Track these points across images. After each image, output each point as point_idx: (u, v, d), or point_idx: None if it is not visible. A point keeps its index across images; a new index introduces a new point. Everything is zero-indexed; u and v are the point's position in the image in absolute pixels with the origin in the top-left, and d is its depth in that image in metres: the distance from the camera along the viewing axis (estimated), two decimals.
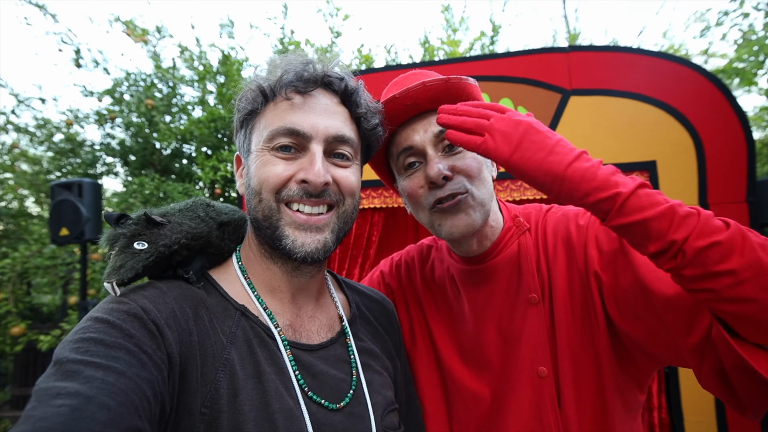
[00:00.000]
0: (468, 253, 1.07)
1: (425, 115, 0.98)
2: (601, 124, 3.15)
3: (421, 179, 0.99)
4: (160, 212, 0.80)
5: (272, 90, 0.79)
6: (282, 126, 0.77)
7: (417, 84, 0.93)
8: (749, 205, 2.89)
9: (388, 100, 0.95)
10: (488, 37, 7.64)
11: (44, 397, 0.50)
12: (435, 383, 1.09)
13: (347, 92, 0.84)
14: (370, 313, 1.01)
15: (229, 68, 6.23)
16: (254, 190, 0.78)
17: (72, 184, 3.98)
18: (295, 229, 0.77)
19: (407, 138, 0.99)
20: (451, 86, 0.95)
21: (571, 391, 0.92)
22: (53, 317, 6.87)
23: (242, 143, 0.85)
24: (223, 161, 5.78)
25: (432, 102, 0.96)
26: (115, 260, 0.71)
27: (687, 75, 3.04)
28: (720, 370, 0.74)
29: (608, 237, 0.92)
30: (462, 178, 0.96)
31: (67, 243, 3.95)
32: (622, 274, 0.87)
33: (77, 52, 6.40)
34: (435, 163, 0.94)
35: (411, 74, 1.08)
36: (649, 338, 0.84)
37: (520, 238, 1.05)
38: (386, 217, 3.70)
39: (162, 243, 0.74)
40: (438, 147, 0.98)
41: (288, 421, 0.69)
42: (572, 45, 3.73)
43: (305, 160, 0.78)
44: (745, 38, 6.78)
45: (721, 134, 2.96)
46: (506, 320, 1.01)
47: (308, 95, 0.80)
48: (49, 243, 5.57)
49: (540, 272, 1.00)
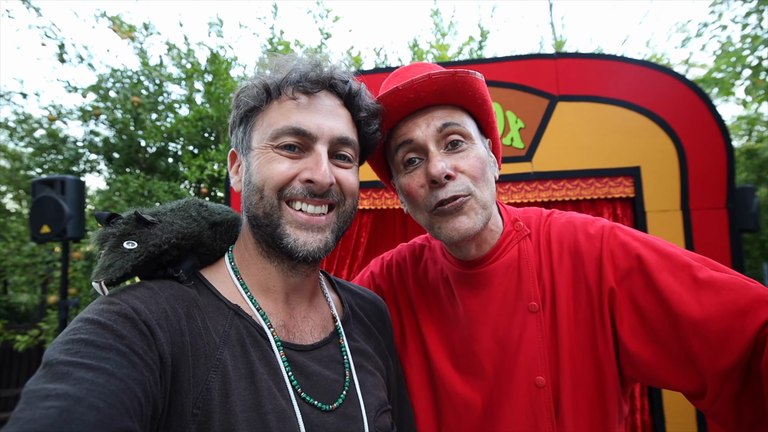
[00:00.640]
0: (466, 256, 1.03)
1: (428, 109, 0.93)
2: (588, 129, 3.22)
3: (421, 177, 0.94)
4: (151, 212, 0.79)
5: (278, 88, 0.79)
6: (288, 125, 0.76)
7: (422, 76, 0.88)
8: (728, 212, 2.98)
9: (390, 92, 0.90)
10: (477, 42, 7.73)
11: (33, 398, 0.49)
12: (425, 388, 1.06)
13: (351, 95, 0.84)
14: (363, 313, 1.00)
15: (218, 67, 6.16)
16: (255, 187, 0.77)
17: (54, 181, 3.88)
18: (296, 228, 0.77)
19: (408, 132, 0.94)
20: (457, 80, 0.90)
21: (570, 401, 0.89)
22: (30, 317, 6.69)
23: (241, 140, 0.84)
24: (210, 160, 5.72)
25: (436, 96, 0.92)
26: (104, 260, 0.70)
27: (670, 84, 3.12)
28: (738, 394, 0.73)
29: (625, 254, 0.88)
30: (465, 179, 0.92)
31: (48, 241, 3.84)
32: (642, 296, 0.84)
33: (61, 47, 6.26)
34: (437, 161, 0.90)
35: (414, 66, 1.03)
36: (660, 361, 0.81)
37: (520, 243, 1.01)
38: (375, 219, 3.71)
39: (152, 242, 0.73)
40: (440, 143, 0.93)
41: (280, 421, 0.68)
42: (560, 52, 3.81)
43: (310, 159, 0.78)
44: (724, 49, 7.01)
45: (702, 142, 3.06)
46: (503, 327, 0.97)
47: (313, 96, 0.79)
48: (28, 241, 5.43)
49: (541, 280, 0.96)
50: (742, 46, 6.56)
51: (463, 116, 0.96)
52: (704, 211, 3.01)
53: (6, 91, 6.37)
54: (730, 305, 0.74)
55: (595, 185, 3.17)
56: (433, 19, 7.83)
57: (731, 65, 6.80)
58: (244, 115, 0.82)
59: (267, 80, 0.79)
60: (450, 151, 0.93)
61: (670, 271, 0.82)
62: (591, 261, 0.92)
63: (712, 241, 2.97)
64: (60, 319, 3.81)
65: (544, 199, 3.23)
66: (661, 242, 0.89)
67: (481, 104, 0.97)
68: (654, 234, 3.24)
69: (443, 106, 0.94)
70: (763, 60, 6.30)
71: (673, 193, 3.06)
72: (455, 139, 0.93)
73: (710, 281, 0.78)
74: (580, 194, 3.18)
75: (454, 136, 0.93)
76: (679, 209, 3.04)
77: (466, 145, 0.94)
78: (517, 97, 3.30)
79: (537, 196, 3.25)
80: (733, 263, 2.92)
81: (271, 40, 7.00)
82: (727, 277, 0.77)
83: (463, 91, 0.92)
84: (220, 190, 6.22)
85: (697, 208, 3.02)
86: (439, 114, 0.93)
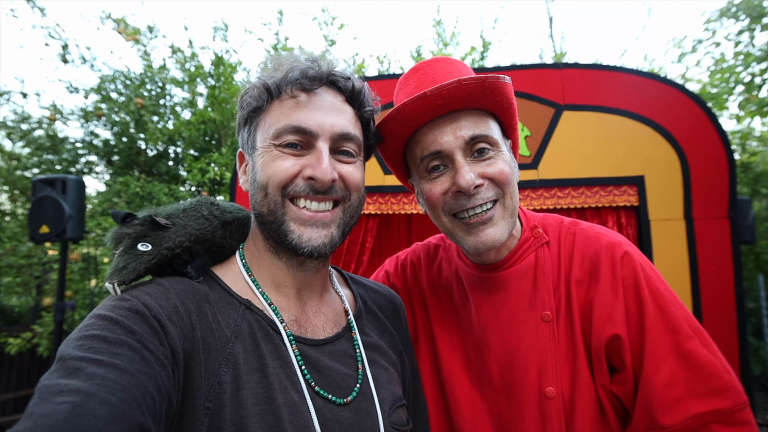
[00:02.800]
0: (483, 261, 1.02)
1: (454, 116, 0.92)
2: (593, 138, 3.27)
3: (445, 184, 0.93)
4: (165, 213, 0.80)
5: (278, 87, 0.79)
6: (288, 124, 0.77)
7: (452, 82, 0.86)
8: (730, 221, 3.03)
9: (417, 98, 0.87)
10: (479, 52, 7.84)
11: (46, 394, 0.50)
12: (434, 389, 1.06)
13: (354, 91, 0.85)
14: (377, 308, 1.00)
15: (223, 71, 6.18)
16: (260, 185, 0.78)
17: (55, 181, 3.84)
18: (300, 225, 0.77)
19: (434, 141, 0.92)
20: (487, 86, 0.89)
21: (585, 414, 0.88)
22: (23, 319, 6.56)
23: (246, 140, 0.85)
24: (212, 163, 5.71)
25: (465, 102, 0.90)
26: (118, 261, 0.71)
27: (673, 95, 3.19)
28: None
29: (635, 296, 0.90)
30: (493, 185, 0.92)
31: (47, 241, 3.79)
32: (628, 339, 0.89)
33: (64, 48, 6.26)
34: (466, 172, 0.89)
35: (435, 62, 1.01)
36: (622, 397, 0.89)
37: (538, 251, 1.00)
38: (380, 224, 3.71)
39: (165, 246, 0.74)
40: (467, 152, 0.92)
41: (293, 415, 0.68)
42: (565, 62, 3.87)
43: (312, 157, 0.78)
44: (717, 65, 7.19)
45: (704, 152, 3.12)
46: (515, 334, 0.96)
47: (313, 93, 0.80)
48: (24, 241, 5.35)
49: (558, 290, 0.95)
50: (735, 62, 6.73)
51: (489, 122, 0.95)
52: (707, 220, 3.05)
53: (6, 90, 6.33)
54: (689, 384, 0.81)
55: (599, 193, 3.21)
56: (436, 29, 7.95)
57: (725, 81, 6.97)
58: (248, 115, 0.83)
59: (267, 80, 0.80)
60: (477, 159, 0.92)
61: (660, 330, 0.86)
62: (607, 288, 0.92)
63: (715, 250, 3.01)
64: (56, 321, 3.74)
65: (549, 207, 3.26)
66: (669, 294, 0.91)
67: (507, 108, 0.96)
68: (658, 242, 3.25)
69: (469, 112, 0.93)
70: (755, 76, 6.47)
71: (677, 202, 3.11)
72: (483, 147, 0.93)
73: (690, 354, 0.83)
74: (585, 202, 3.22)
75: (482, 144, 0.93)
76: (683, 218, 3.09)
77: (493, 152, 0.93)
78: (524, 106, 3.35)
79: (542, 203, 3.28)
80: (735, 272, 2.97)
81: (275, 46, 7.05)
82: (707, 358, 0.83)
83: (491, 96, 0.91)
84: (220, 193, 6.19)
85: (700, 218, 3.06)
86: (466, 122, 0.92)
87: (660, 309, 0.88)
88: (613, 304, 0.90)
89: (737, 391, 0.81)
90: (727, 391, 0.80)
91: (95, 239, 5.11)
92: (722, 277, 2.97)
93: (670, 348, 0.85)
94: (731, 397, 0.80)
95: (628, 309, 0.89)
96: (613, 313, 0.89)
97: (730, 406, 0.79)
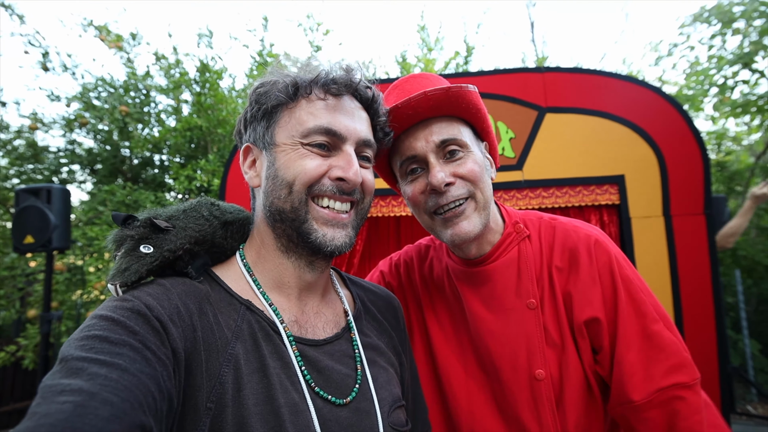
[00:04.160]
0: (467, 255, 1.10)
1: (426, 123, 1.02)
2: (575, 139, 3.37)
3: (422, 185, 1.02)
4: (165, 215, 0.80)
5: (308, 87, 0.81)
6: (320, 125, 0.79)
7: (418, 94, 0.96)
8: (706, 217, 3.15)
9: (391, 110, 0.97)
10: (463, 57, 7.97)
11: (48, 394, 0.50)
12: (429, 381, 1.11)
13: (372, 100, 0.88)
14: (376, 309, 1.01)
15: (210, 78, 6.15)
16: (285, 182, 0.78)
17: (40, 190, 3.78)
18: (323, 225, 0.79)
19: (409, 147, 1.02)
20: (451, 95, 0.98)
21: (572, 393, 0.96)
22: (5, 333, 6.39)
23: (261, 135, 0.84)
24: (199, 170, 5.67)
25: (433, 110, 1.00)
26: (120, 262, 0.72)
27: (651, 98, 3.31)
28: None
29: (610, 284, 0.99)
30: (465, 183, 1.00)
31: (32, 251, 3.72)
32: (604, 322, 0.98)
33: (45, 55, 6.15)
34: (437, 171, 0.98)
35: (412, 78, 1.11)
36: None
37: (520, 245, 1.08)
38: (370, 226, 3.76)
39: (167, 248, 0.75)
40: (439, 154, 1.01)
41: (294, 415, 0.69)
42: (547, 66, 3.98)
43: (340, 159, 0.80)
44: (692, 68, 7.43)
45: (680, 152, 3.24)
46: (503, 322, 1.03)
47: (339, 98, 0.83)
48: (8, 252, 5.23)
49: (541, 279, 1.04)
50: (709, 65, 6.97)
51: (459, 126, 1.03)
52: (685, 216, 3.17)
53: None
54: (654, 362, 0.92)
55: (582, 193, 3.31)
56: (420, 35, 8.05)
57: (700, 83, 7.21)
58: (271, 109, 0.83)
59: (297, 78, 0.81)
60: (449, 160, 1.01)
61: (631, 314, 0.97)
62: (585, 276, 1.01)
63: (693, 245, 3.13)
64: (42, 332, 3.67)
65: (535, 206, 3.34)
66: (638, 281, 1.00)
67: (475, 113, 1.04)
68: (639, 238, 3.36)
69: (440, 118, 1.02)
70: (728, 79, 6.71)
71: (655, 200, 3.23)
72: (453, 149, 1.01)
73: (655, 335, 0.94)
74: (568, 201, 3.31)
75: (452, 147, 1.01)
76: (662, 215, 3.20)
77: (463, 153, 1.02)
78: (507, 109, 3.44)
79: (528, 203, 3.36)
80: (711, 264, 3.09)
81: (260, 53, 7.05)
82: (669, 338, 0.94)
83: (457, 104, 1.00)
84: None
85: (678, 214, 3.18)
86: (437, 128, 1.01)
87: (630, 295, 0.98)
88: (592, 290, 0.99)
89: (693, 367, 0.93)
90: (686, 368, 0.92)
91: (81, 249, 5.02)
92: (700, 272, 3.09)
93: (638, 330, 0.95)
94: (689, 373, 0.91)
95: (604, 294, 0.99)
96: (592, 298, 0.98)
97: (688, 380, 0.91)
